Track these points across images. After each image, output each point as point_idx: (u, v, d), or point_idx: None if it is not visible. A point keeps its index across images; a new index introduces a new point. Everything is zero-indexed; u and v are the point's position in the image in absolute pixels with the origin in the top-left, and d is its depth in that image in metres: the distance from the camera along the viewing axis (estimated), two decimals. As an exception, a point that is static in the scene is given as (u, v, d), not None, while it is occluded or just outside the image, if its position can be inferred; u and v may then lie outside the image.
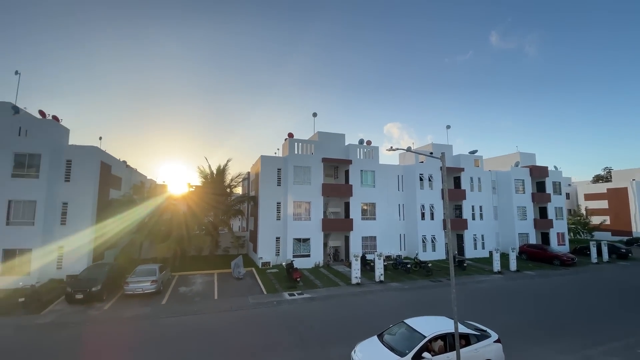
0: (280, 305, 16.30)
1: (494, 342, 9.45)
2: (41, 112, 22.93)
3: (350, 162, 29.06)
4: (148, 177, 36.97)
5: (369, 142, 30.67)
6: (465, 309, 14.99)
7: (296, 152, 28.09)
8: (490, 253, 31.09)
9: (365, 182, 29.68)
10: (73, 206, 21.76)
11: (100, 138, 29.40)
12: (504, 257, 29.15)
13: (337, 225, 28.36)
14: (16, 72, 23.00)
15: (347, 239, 29.09)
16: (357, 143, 30.48)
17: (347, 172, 29.74)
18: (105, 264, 19.76)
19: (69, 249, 21.17)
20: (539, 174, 37.50)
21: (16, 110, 21.64)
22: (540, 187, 38.16)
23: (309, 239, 26.87)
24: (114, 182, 26.97)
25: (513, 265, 25.84)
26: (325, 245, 28.56)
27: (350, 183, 28.89)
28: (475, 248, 32.79)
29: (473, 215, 33.37)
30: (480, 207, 34.01)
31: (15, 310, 14.80)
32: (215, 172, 30.08)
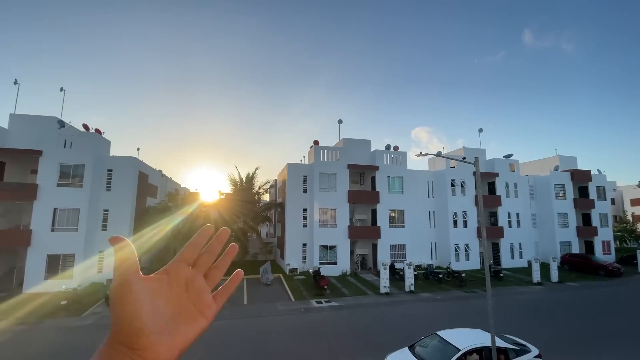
0: (308, 313, 16.21)
1: (535, 357, 8.76)
2: (85, 126, 24.78)
3: (376, 168, 28.66)
4: (182, 185, 38.70)
5: (396, 148, 30.13)
6: (503, 322, 14.07)
7: (322, 159, 28.18)
8: (529, 263, 29.16)
9: (393, 188, 29.08)
10: (113, 213, 23.18)
11: (138, 149, 31.36)
12: (544, 267, 27.20)
13: (363, 232, 27.93)
14: (61, 89, 25.13)
15: (374, 246, 28.55)
16: (384, 149, 30.04)
17: (373, 179, 29.34)
18: (142, 268, 20.67)
19: (109, 253, 22.49)
20: (581, 179, 34.88)
21: (62, 124, 23.53)
22: (582, 192, 35.46)
23: (335, 246, 26.67)
24: (150, 191, 28.48)
25: (554, 276, 24.05)
26: (352, 252, 28.19)
27: (377, 189, 28.44)
28: (513, 257, 30.90)
29: (509, 222, 31.56)
30: (517, 214, 32.11)
31: (58, 313, 15.86)
32: (244, 179, 30.88)
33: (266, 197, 40.11)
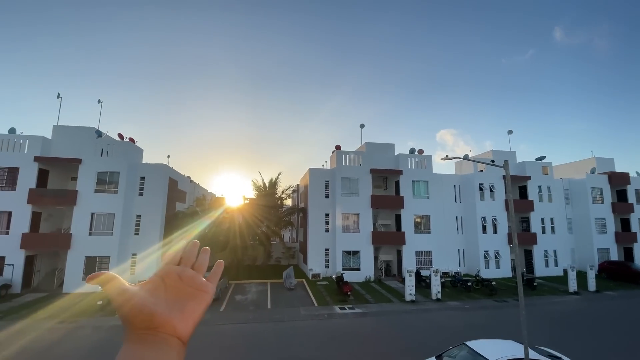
0: (331, 319, 16.11)
1: (574, 373, 8.20)
2: (120, 135, 26.23)
3: (400, 172, 28.20)
4: (209, 191, 39.96)
5: (420, 151, 29.54)
6: (537, 333, 13.29)
7: (344, 164, 28.12)
8: (565, 271, 27.44)
9: (418, 193, 28.45)
10: (145, 218, 24.30)
11: (169, 156, 32.85)
12: (581, 275, 25.47)
13: (387, 238, 27.48)
14: (99, 101, 26.83)
15: (399, 253, 27.97)
16: (408, 152, 29.54)
17: (397, 183, 28.88)
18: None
19: (141, 256, 23.56)
20: (619, 182, 32.54)
21: (99, 134, 25.07)
22: (621, 196, 33.05)
23: (358, 252, 26.40)
24: (179, 196, 29.64)
25: (592, 285, 22.48)
26: (375, 258, 27.78)
27: (401, 194, 27.94)
28: (547, 265, 29.18)
29: (543, 228, 29.90)
30: (552, 219, 30.37)
31: (94, 312, 16.73)
32: (267, 185, 31.41)
33: (289, 202, 40.57)
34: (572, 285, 21.94)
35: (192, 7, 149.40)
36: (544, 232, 29.74)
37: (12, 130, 23.20)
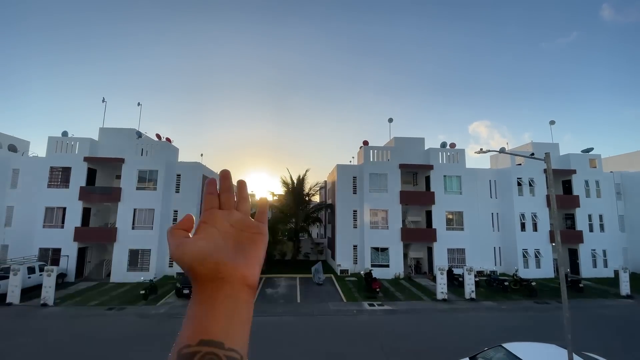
0: (360, 315, 16.08)
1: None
2: (157, 135, 27.74)
3: (431, 167, 27.33)
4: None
5: (452, 145, 28.40)
6: (584, 338, 12.37)
7: (372, 160, 27.74)
8: (616, 272, 25.26)
9: (450, 188, 27.41)
10: (182, 214, 25.42)
11: (202, 155, 34.28)
12: (636, 277, 23.30)
13: (417, 235, 26.83)
14: (138, 104, 28.53)
15: (430, 250, 27.22)
16: (439, 147, 28.53)
17: (427, 179, 28.02)
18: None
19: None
20: (684, 174, 29.18)
21: (139, 135, 26.68)
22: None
23: (387, 249, 26.03)
24: (212, 193, 30.90)
25: (650, 289, 20.50)
26: (405, 256, 27.25)
27: (431, 190, 27.08)
28: (595, 266, 27.00)
29: (590, 226, 27.65)
30: (600, 216, 27.99)
31: (138, 301, 17.95)
32: (295, 181, 31.81)
33: (316, 199, 40.85)
34: (625, 288, 20.14)
35: (224, 20, 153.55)
36: (591, 230, 27.52)
37: (64, 133, 25.37)
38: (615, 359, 8.93)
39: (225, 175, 0.65)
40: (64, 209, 23.63)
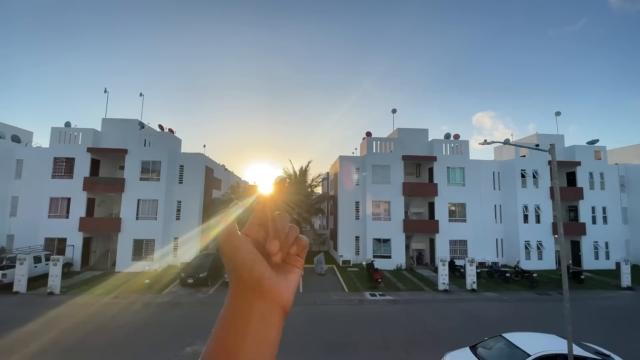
0: (362, 305, 16.26)
1: (624, 371, 7.63)
2: (160, 126, 27.69)
3: (434, 158, 27.18)
4: (242, 179, 41.35)
5: (456, 136, 28.16)
6: (584, 329, 12.47)
7: (374, 151, 27.61)
8: (617, 264, 25.30)
9: (453, 180, 27.31)
10: (185, 204, 25.79)
11: (204, 146, 34.27)
12: (637, 269, 23.34)
13: (420, 226, 26.88)
14: (140, 94, 28.47)
15: (432, 241, 27.30)
16: (443, 138, 28.31)
17: (430, 170, 27.91)
18: (210, 254, 22.80)
19: (182, 240, 25.14)
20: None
21: (142, 125, 26.65)
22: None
23: (389, 240, 26.14)
24: (215, 184, 31.00)
25: (651, 281, 20.55)
26: (407, 247, 27.37)
27: (434, 182, 27.01)
28: (597, 258, 27.01)
29: (593, 218, 27.57)
30: (604, 208, 27.86)
31: (143, 290, 18.22)
32: (297, 173, 31.80)
33: (319, 190, 40.90)
34: (626, 280, 20.19)
35: (226, 7, 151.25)
36: (594, 222, 27.45)
37: (67, 124, 25.39)
38: (614, 349, 8.99)
39: (284, 218, 0.61)
40: (69, 199, 23.83)
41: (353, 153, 34.43)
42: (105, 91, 27.32)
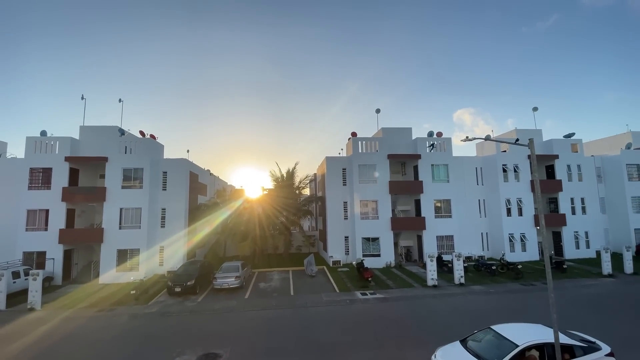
0: (353, 304, 16.29)
1: (606, 355, 7.90)
2: (141, 132, 27.02)
3: (418, 156, 27.59)
4: (228, 183, 40.79)
5: (439, 134, 28.68)
6: (568, 317, 12.89)
7: (360, 151, 27.80)
8: (598, 253, 26.29)
9: (438, 177, 27.79)
10: (170, 211, 25.23)
11: (188, 151, 33.68)
12: (616, 257, 24.32)
13: (407, 224, 27.21)
14: (119, 100, 27.66)
15: (419, 238, 27.69)
16: (426, 136, 28.78)
17: (415, 168, 28.31)
18: (197, 261, 22.39)
19: (168, 248, 24.58)
20: (660, 156, 30.33)
21: (122, 132, 25.94)
22: (662, 172, 30.85)
23: (378, 238, 26.34)
24: (200, 189, 30.45)
25: (629, 267, 21.43)
26: (395, 244, 27.65)
27: (420, 179, 27.41)
28: (578, 247, 28.02)
29: (573, 209, 28.59)
30: (582, 199, 28.95)
31: (129, 301, 17.70)
32: (285, 175, 31.64)
33: (307, 192, 40.80)
34: (607, 268, 21.00)
35: (208, 12, 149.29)
36: (573, 213, 28.46)
37: (43, 133, 24.44)
38: (598, 335, 9.33)
39: None
40: (47, 210, 22.92)
41: (339, 154, 34.56)
42: (82, 98, 26.47)
